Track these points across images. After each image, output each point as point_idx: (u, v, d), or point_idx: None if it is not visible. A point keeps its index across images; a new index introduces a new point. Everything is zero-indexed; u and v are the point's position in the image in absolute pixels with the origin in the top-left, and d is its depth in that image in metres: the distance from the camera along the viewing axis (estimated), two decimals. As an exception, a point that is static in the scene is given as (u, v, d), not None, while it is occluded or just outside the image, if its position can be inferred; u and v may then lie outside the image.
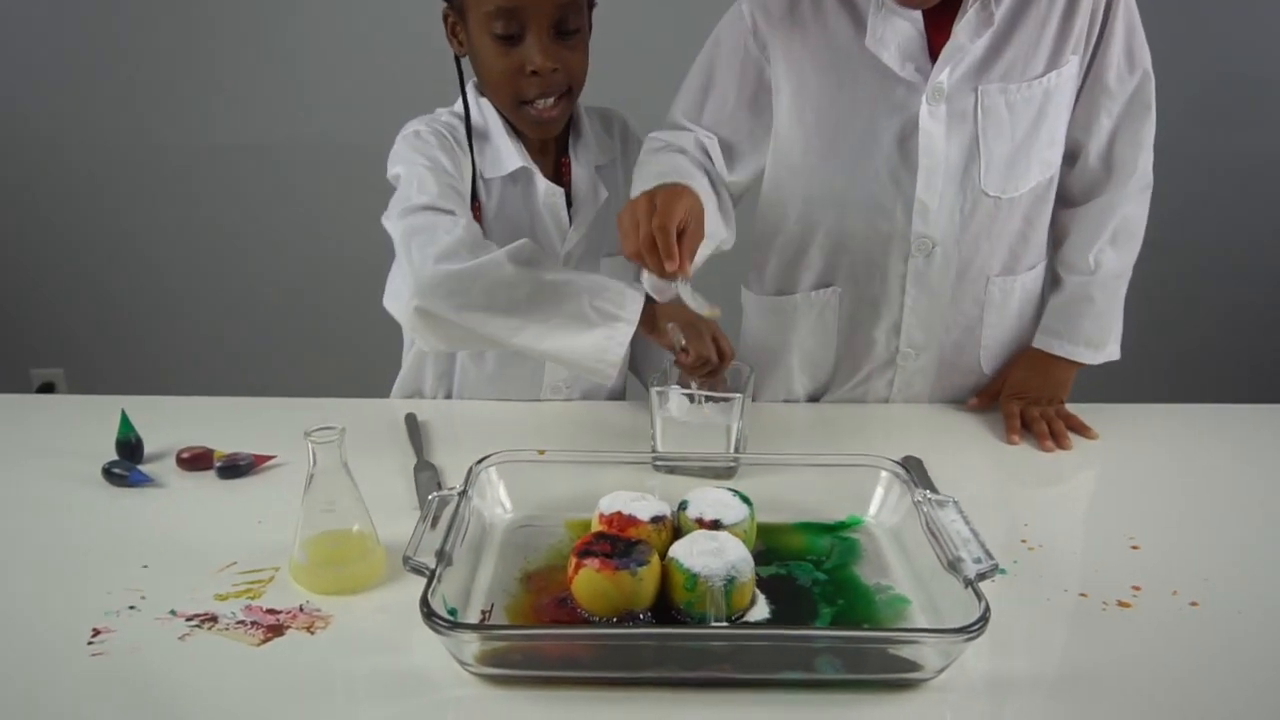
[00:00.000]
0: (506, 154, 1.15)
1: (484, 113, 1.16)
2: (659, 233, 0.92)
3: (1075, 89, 1.12)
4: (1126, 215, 1.17)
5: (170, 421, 1.13)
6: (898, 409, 1.25)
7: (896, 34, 1.08)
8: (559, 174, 1.20)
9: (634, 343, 1.30)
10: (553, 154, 1.20)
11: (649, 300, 1.04)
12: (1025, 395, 1.18)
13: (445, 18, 1.14)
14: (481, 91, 1.17)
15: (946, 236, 1.15)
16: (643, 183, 1.05)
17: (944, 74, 1.08)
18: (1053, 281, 1.22)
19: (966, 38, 1.06)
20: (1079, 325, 1.19)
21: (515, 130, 1.16)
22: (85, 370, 2.55)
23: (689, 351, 1.02)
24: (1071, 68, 1.10)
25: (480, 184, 1.15)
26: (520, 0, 1.05)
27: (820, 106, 1.13)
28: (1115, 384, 1.32)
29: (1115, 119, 1.14)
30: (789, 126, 1.15)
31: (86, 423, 1.12)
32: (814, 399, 1.29)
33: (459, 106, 1.16)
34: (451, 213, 1.05)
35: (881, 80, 1.09)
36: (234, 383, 2.47)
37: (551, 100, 1.10)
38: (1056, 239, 1.22)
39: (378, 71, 2.22)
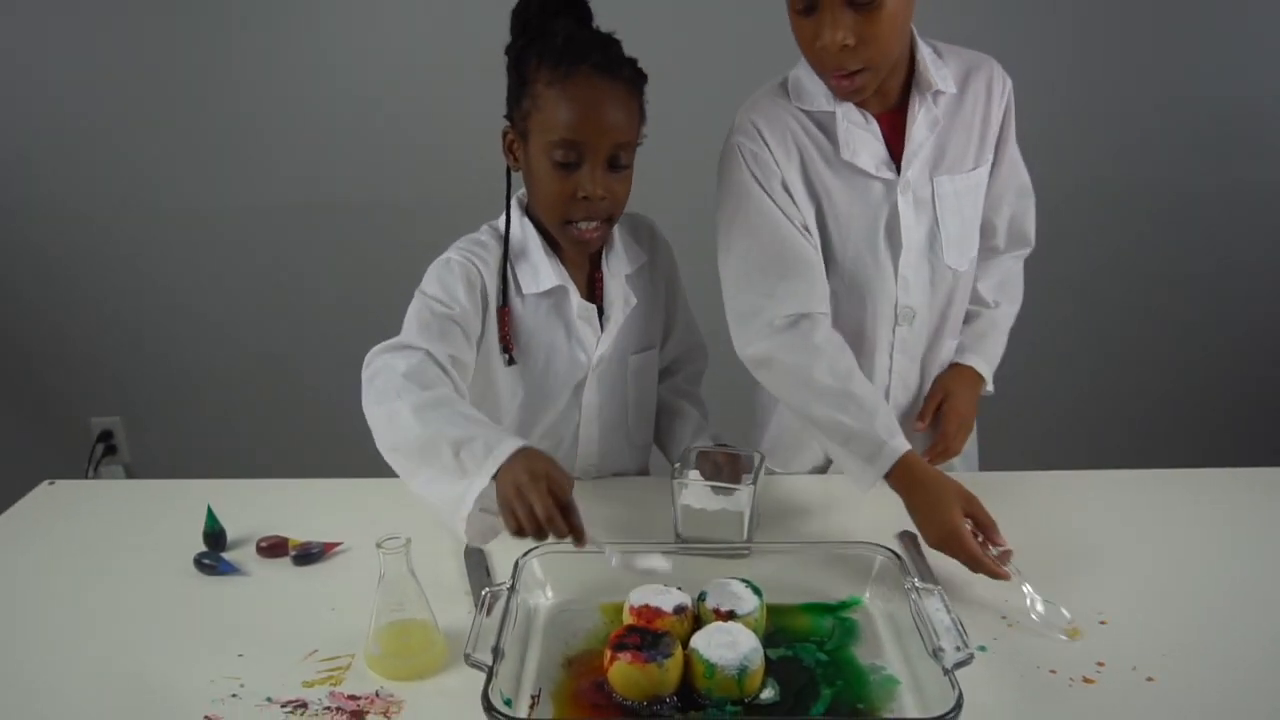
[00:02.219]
0: (544, 272, 1.25)
1: (524, 231, 1.27)
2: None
3: (987, 182, 1.34)
4: (1018, 277, 1.46)
5: (245, 505, 1.27)
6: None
7: (864, 144, 1.26)
8: (592, 286, 1.31)
9: (658, 418, 1.44)
10: (587, 268, 1.31)
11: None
12: (950, 395, 1.37)
13: (504, 134, 1.24)
14: (524, 208, 1.29)
15: (922, 305, 1.34)
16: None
17: (911, 169, 1.27)
18: (966, 316, 1.43)
19: (922, 136, 1.26)
20: (986, 345, 1.42)
21: (552, 247, 1.27)
22: (142, 418, 2.71)
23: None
24: (988, 165, 1.32)
25: (517, 299, 1.26)
26: (583, 135, 1.15)
27: (822, 204, 1.28)
28: (1081, 449, 1.44)
29: (1012, 206, 1.39)
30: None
31: (171, 508, 1.27)
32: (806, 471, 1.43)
33: (501, 223, 1.28)
34: (418, 349, 1.11)
35: (862, 181, 1.27)
36: (285, 431, 2.61)
37: (595, 224, 1.21)
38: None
39: (438, 124, 2.34)
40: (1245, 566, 1.13)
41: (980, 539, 1.08)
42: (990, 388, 1.41)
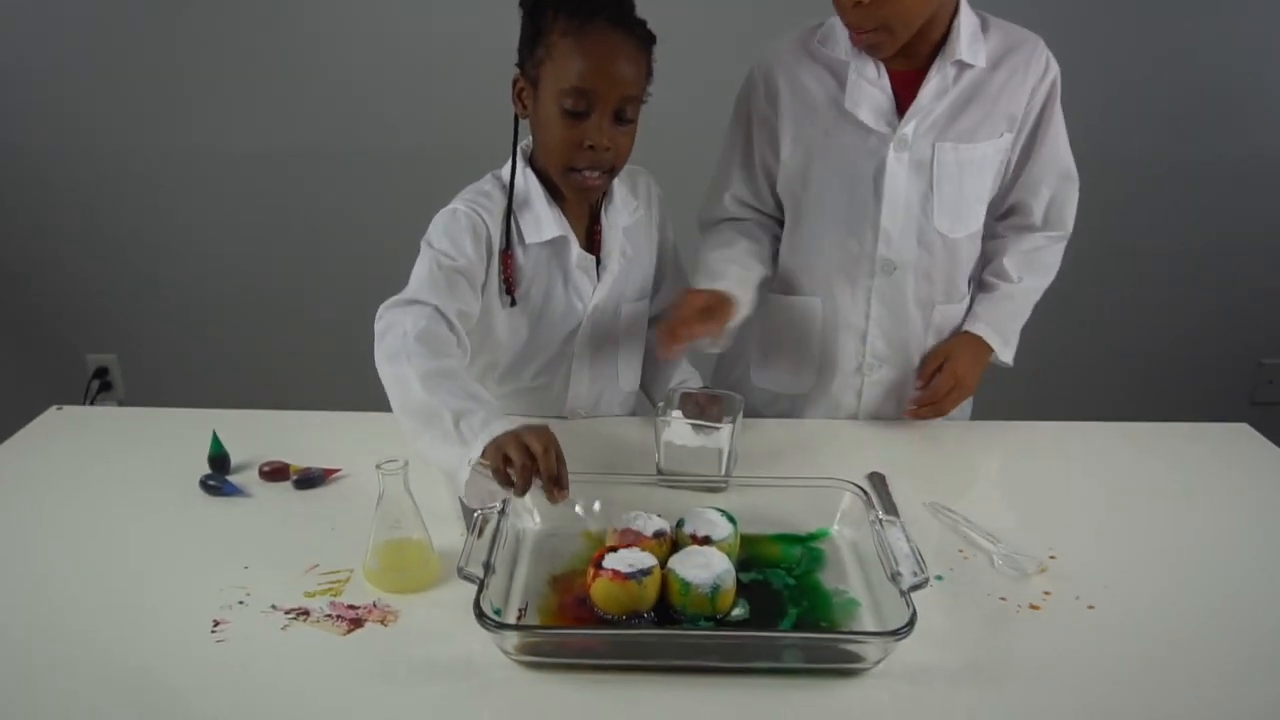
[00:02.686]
0: (546, 222, 1.30)
1: (528, 181, 1.31)
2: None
3: (1003, 159, 1.38)
4: (1048, 254, 1.47)
5: (248, 434, 1.32)
6: (866, 428, 1.45)
7: (869, 98, 1.33)
8: (591, 236, 1.37)
9: (644, 366, 1.50)
10: (586, 219, 1.36)
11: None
12: (951, 358, 1.41)
13: (515, 82, 1.27)
14: (527, 158, 1.33)
15: (904, 261, 1.39)
16: (702, 277, 1.38)
17: (909, 127, 1.32)
18: (981, 288, 1.48)
19: (929, 101, 1.32)
20: (999, 316, 1.45)
21: (554, 197, 1.31)
22: (138, 354, 2.75)
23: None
24: (1004, 141, 1.36)
25: (518, 247, 1.31)
26: (594, 84, 1.19)
27: (810, 147, 1.38)
28: (1053, 400, 1.51)
29: (1052, 189, 1.42)
30: (791, 160, 1.40)
31: (177, 434, 1.33)
32: (795, 397, 1.51)
33: (505, 172, 1.32)
34: (427, 305, 1.17)
35: (859, 131, 1.34)
36: (278, 367, 2.66)
37: (598, 173, 1.25)
38: (988, 262, 1.48)
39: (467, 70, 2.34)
40: (1185, 512, 1.21)
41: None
42: (1005, 359, 1.45)
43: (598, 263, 1.36)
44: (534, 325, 1.35)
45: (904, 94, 1.33)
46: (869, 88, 1.33)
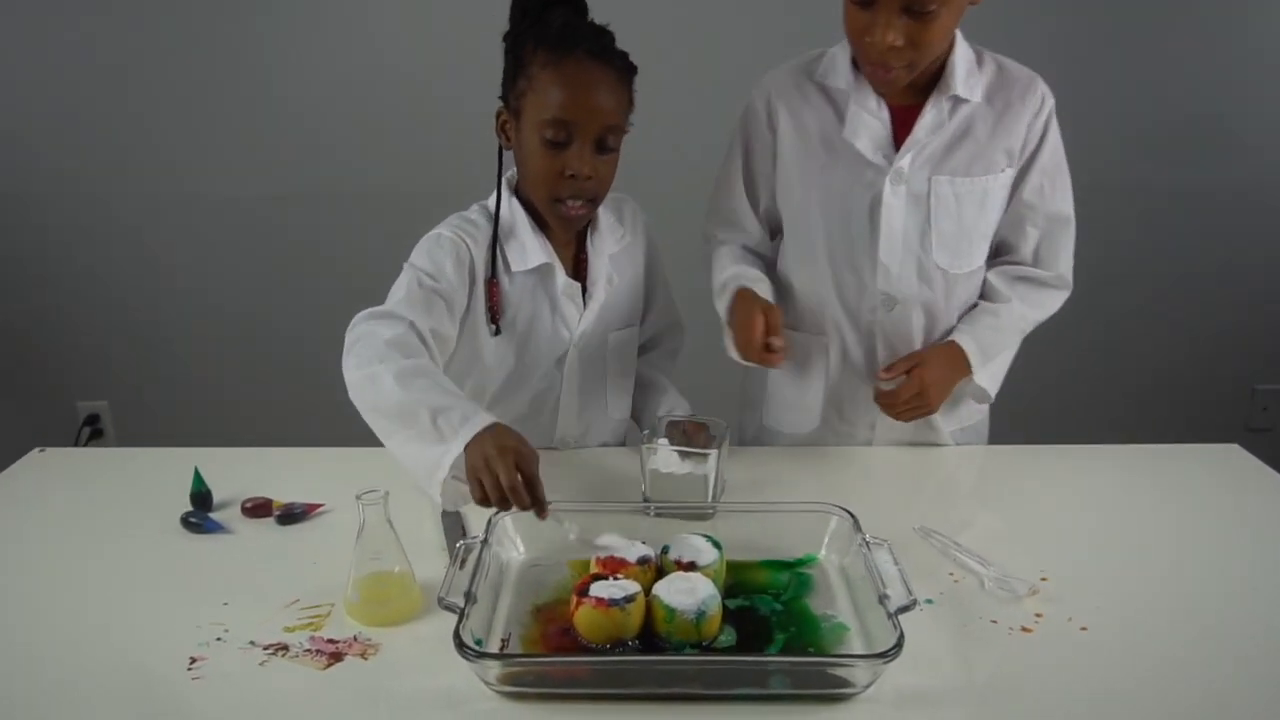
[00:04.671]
0: (532, 250, 1.31)
1: (513, 210, 1.32)
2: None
3: (1007, 195, 1.36)
4: (1044, 295, 1.42)
5: (232, 472, 1.31)
6: (853, 452, 1.44)
7: (867, 128, 1.33)
8: (577, 264, 1.37)
9: (635, 392, 1.49)
10: (573, 247, 1.37)
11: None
12: (923, 364, 1.36)
13: (498, 115, 1.29)
14: (513, 188, 1.34)
15: (906, 297, 1.37)
16: (714, 293, 1.41)
17: (905, 160, 1.32)
18: (968, 310, 1.43)
19: (925, 135, 1.31)
20: (981, 329, 1.39)
21: (540, 226, 1.32)
22: (129, 402, 2.74)
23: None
24: (1007, 176, 1.35)
25: (504, 275, 1.31)
26: (574, 115, 1.21)
27: (810, 177, 1.38)
28: (1046, 426, 1.50)
29: (1039, 229, 1.39)
30: (790, 191, 1.40)
31: (160, 473, 1.32)
32: (807, 436, 1.49)
33: (492, 202, 1.33)
34: (402, 319, 1.16)
35: (855, 162, 1.34)
36: (270, 413, 2.64)
37: (581, 202, 1.26)
38: (981, 287, 1.43)
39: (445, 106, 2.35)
40: (1178, 533, 1.20)
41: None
42: (981, 381, 1.39)
43: (584, 290, 1.36)
44: (520, 353, 1.35)
45: (900, 129, 1.32)
46: (868, 119, 1.32)
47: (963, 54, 1.30)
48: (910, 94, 1.31)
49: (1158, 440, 1.47)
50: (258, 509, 1.22)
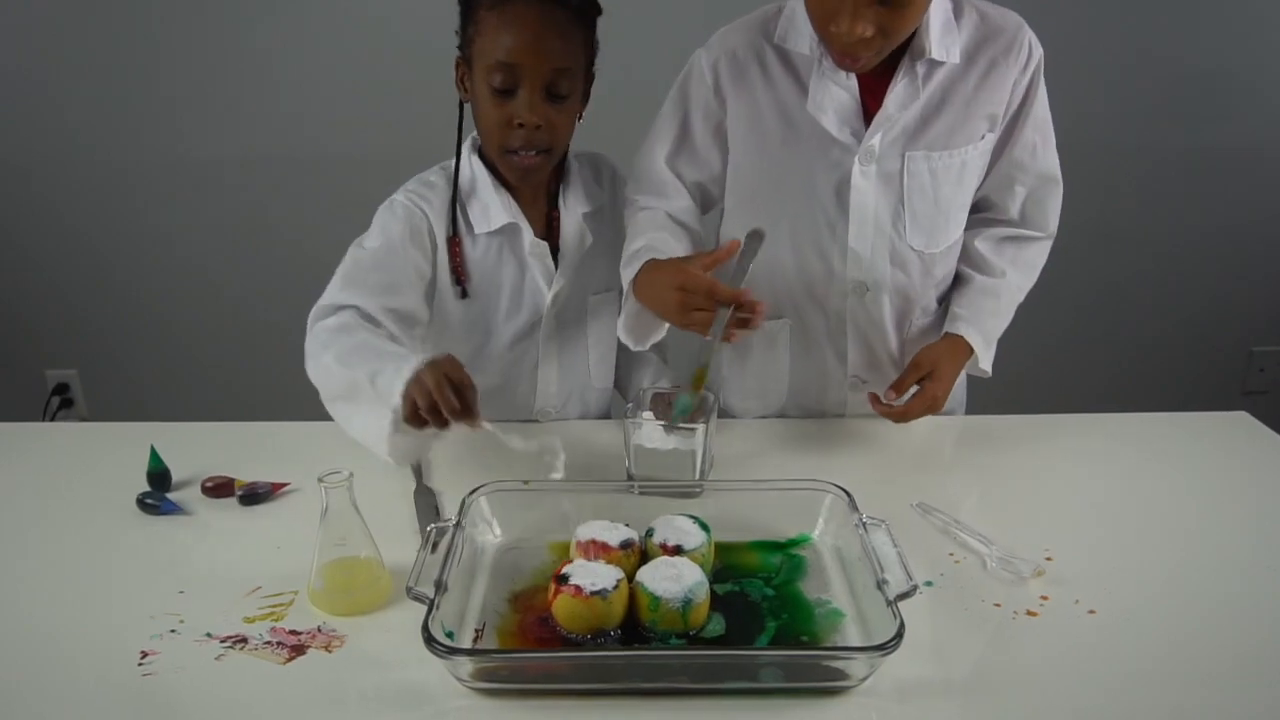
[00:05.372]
0: (495, 210, 1.24)
1: (474, 169, 1.25)
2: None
3: (986, 162, 1.25)
4: (1031, 252, 1.33)
5: (193, 448, 1.25)
6: (848, 425, 1.36)
7: (834, 100, 1.19)
8: (550, 223, 1.30)
9: (619, 363, 1.43)
10: (544, 204, 1.30)
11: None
12: (931, 370, 1.25)
13: (457, 65, 1.23)
14: (476, 148, 1.27)
15: (877, 282, 1.27)
16: (623, 261, 1.22)
17: (875, 139, 1.19)
18: (959, 282, 1.34)
19: (896, 108, 1.18)
20: (982, 314, 1.29)
21: (505, 184, 1.25)
22: (99, 370, 2.66)
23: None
24: (987, 143, 1.23)
25: (467, 238, 1.25)
26: (519, 58, 1.14)
27: (767, 157, 1.25)
28: (1042, 392, 1.44)
29: (1028, 188, 1.29)
30: (743, 170, 1.27)
31: (117, 450, 1.24)
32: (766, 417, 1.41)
33: (452, 163, 1.26)
34: (346, 308, 1.13)
35: (820, 139, 1.21)
36: (244, 381, 2.58)
37: (533, 153, 1.19)
38: (965, 252, 1.33)
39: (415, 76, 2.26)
40: (1187, 507, 1.14)
41: None
42: (984, 366, 1.30)
43: (556, 251, 1.29)
44: (490, 318, 1.29)
45: (869, 98, 1.19)
46: (835, 90, 1.18)
47: (938, 9, 1.15)
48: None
49: (1153, 405, 1.42)
50: (219, 488, 1.15)
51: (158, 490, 1.15)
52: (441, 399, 0.96)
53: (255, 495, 1.14)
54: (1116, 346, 2.63)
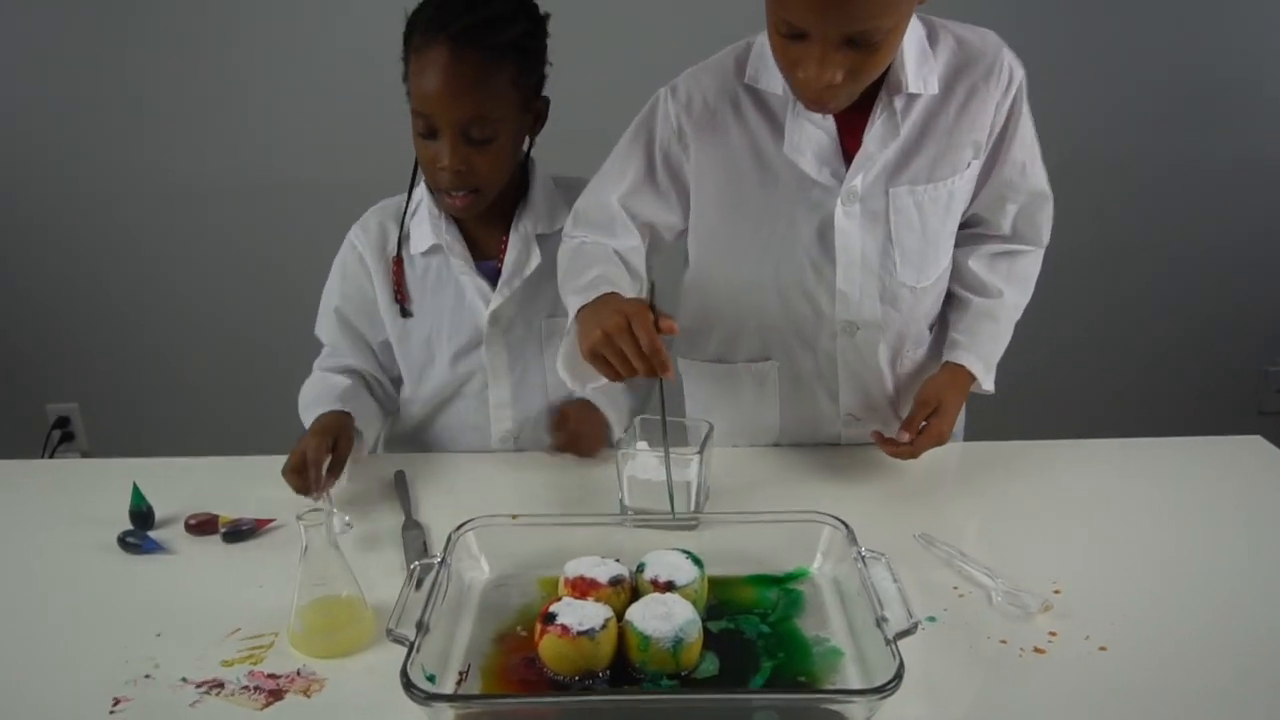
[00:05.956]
0: (423, 232, 1.29)
1: (422, 193, 1.30)
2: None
3: (973, 187, 1.22)
4: (1024, 264, 1.29)
5: (179, 484, 1.23)
6: (847, 454, 1.31)
7: (811, 142, 1.14)
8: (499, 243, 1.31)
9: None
10: (500, 227, 1.31)
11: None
12: (939, 411, 1.20)
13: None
14: None
15: (869, 321, 1.24)
16: (572, 291, 1.10)
17: (857, 179, 1.15)
18: (955, 306, 1.30)
19: (876, 147, 1.14)
20: (980, 339, 1.26)
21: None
22: (100, 404, 2.64)
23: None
24: (973, 170, 1.19)
25: (408, 260, 1.31)
26: (430, 107, 1.16)
27: (743, 201, 1.20)
28: (1046, 414, 1.40)
29: (1019, 205, 1.25)
30: (713, 217, 1.22)
31: (100, 486, 1.22)
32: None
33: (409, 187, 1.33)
34: (333, 369, 1.35)
35: (799, 182, 1.16)
36: (245, 414, 2.55)
37: (462, 193, 1.21)
38: (958, 272, 1.29)
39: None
40: (1202, 536, 1.10)
41: None
42: (987, 388, 1.26)
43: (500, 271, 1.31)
44: (434, 338, 1.32)
45: (847, 134, 1.13)
46: (811, 130, 1.13)
47: (913, 38, 1.09)
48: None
49: (1162, 426, 1.37)
50: (202, 526, 1.12)
51: (140, 528, 1.12)
52: (297, 480, 1.14)
53: (239, 532, 1.11)
54: (1119, 368, 2.58)
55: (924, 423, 1.20)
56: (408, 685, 0.77)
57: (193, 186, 2.43)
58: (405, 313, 1.31)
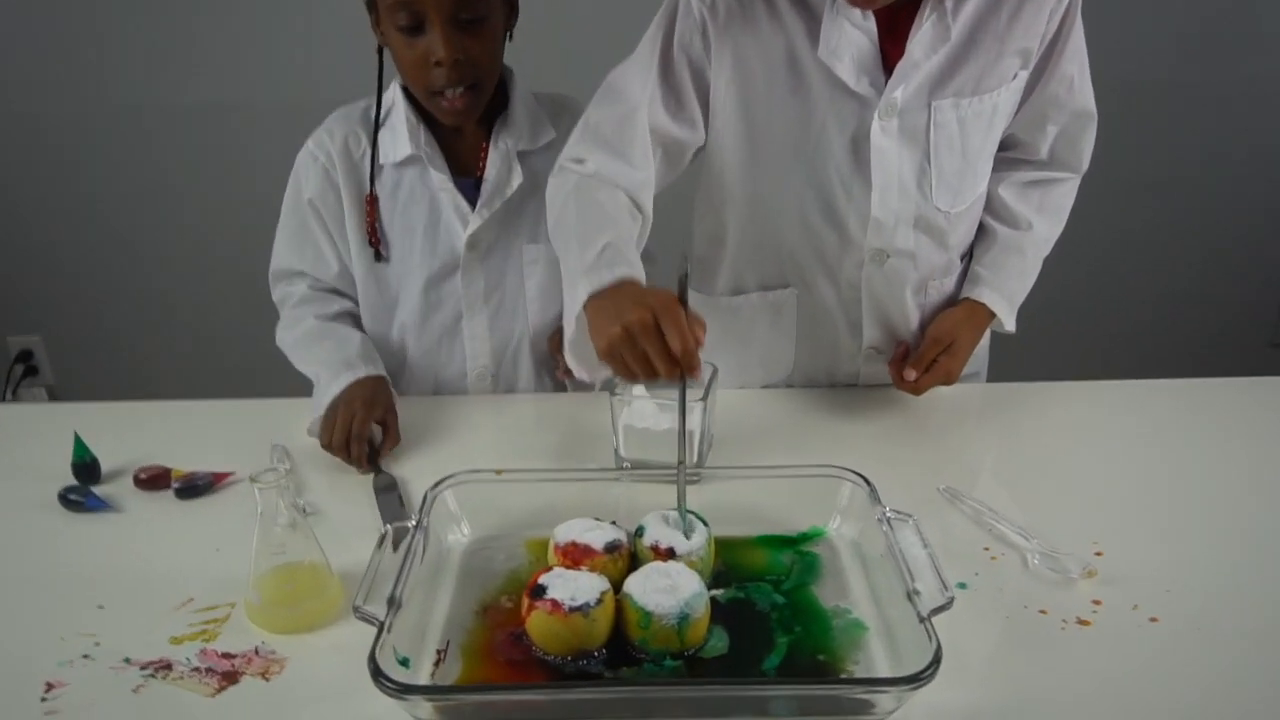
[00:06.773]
0: (401, 140, 1.16)
1: (396, 99, 1.17)
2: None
3: (1017, 101, 1.10)
4: (1058, 194, 1.19)
5: (129, 433, 1.12)
6: (865, 396, 1.22)
7: (850, 45, 1.01)
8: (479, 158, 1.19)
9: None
10: (478, 137, 1.19)
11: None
12: (952, 350, 1.13)
13: (368, 8, 1.13)
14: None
15: (900, 249, 1.13)
16: (576, 262, 0.95)
17: (898, 90, 1.03)
18: (980, 236, 1.20)
19: (922, 54, 1.01)
20: (1005, 275, 1.17)
21: (425, 116, 1.17)
22: (63, 336, 2.52)
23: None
24: (1019, 81, 1.07)
25: (379, 170, 1.18)
26: None
27: (770, 110, 1.07)
28: (1063, 349, 1.29)
29: (1060, 125, 1.14)
30: (736, 127, 1.09)
31: (42, 435, 1.11)
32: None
33: (375, 112, 1.19)
34: (298, 273, 1.24)
35: (833, 91, 1.04)
36: (209, 351, 2.44)
37: (460, 90, 1.10)
38: (986, 200, 1.19)
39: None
40: (1260, 489, 1.00)
41: None
42: (1009, 327, 1.18)
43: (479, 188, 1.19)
44: (402, 268, 1.21)
45: (888, 41, 1.01)
46: (851, 31, 1.00)
47: None
48: None
49: (1175, 358, 1.28)
50: (154, 480, 1.02)
51: (83, 484, 1.01)
52: (340, 450, 1.04)
53: (194, 488, 1.01)
54: (1134, 298, 2.47)
55: (934, 360, 1.12)
56: (376, 673, 0.67)
57: (154, 106, 2.26)
58: (379, 256, 1.19)
